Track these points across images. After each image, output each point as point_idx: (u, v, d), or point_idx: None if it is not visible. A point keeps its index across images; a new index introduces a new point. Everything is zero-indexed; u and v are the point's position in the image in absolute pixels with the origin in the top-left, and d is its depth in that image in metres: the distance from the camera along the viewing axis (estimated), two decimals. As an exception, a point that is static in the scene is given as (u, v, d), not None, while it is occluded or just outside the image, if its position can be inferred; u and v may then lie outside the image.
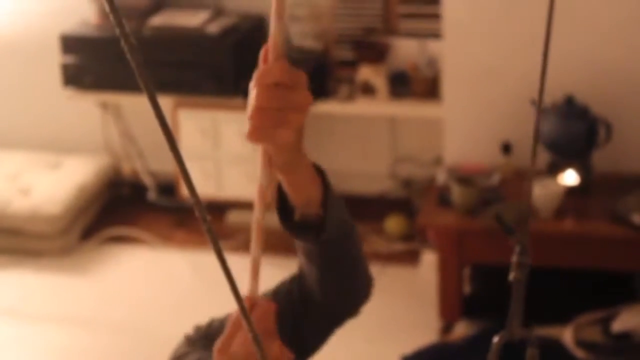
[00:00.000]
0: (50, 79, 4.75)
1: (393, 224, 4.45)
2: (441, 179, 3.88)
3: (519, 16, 3.79)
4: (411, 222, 4.37)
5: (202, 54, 4.40)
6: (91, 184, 4.74)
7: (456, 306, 3.73)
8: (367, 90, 4.34)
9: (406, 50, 4.41)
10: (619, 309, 3.61)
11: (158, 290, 4.26)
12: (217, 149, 4.50)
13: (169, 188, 4.76)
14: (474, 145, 3.97)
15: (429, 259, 4.16)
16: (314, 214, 1.32)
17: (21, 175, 4.74)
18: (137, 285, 4.31)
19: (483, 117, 3.95)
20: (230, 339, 1.21)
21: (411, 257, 4.34)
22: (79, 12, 4.69)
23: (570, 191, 3.66)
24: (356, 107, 4.38)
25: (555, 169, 3.72)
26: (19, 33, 4.90)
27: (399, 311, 3.97)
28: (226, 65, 4.37)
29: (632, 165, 3.86)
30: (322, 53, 4.47)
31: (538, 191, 3.56)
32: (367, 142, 4.72)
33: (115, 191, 4.96)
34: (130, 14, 4.48)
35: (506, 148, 3.85)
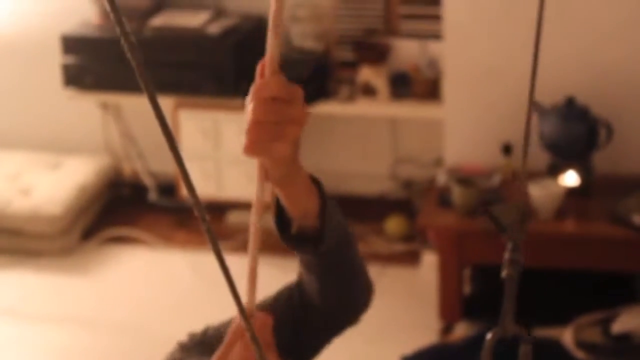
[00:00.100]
0: (51, 79, 4.75)
1: (393, 225, 4.45)
2: (441, 179, 3.88)
3: (519, 17, 3.79)
4: (411, 222, 4.37)
5: (203, 54, 4.40)
6: (91, 184, 4.73)
7: (456, 307, 3.73)
8: (368, 91, 4.34)
9: (407, 51, 4.41)
10: (619, 310, 3.60)
11: (158, 291, 4.26)
12: (217, 149, 4.50)
13: (169, 188, 4.76)
14: (474, 146, 3.97)
15: (429, 260, 4.15)
16: (311, 226, 1.32)
17: (21, 176, 4.74)
18: (138, 285, 4.31)
19: (484, 118, 3.94)
20: (229, 347, 1.21)
21: (411, 257, 4.34)
22: (80, 13, 4.69)
23: (571, 192, 3.66)
24: (357, 108, 4.38)
25: (555, 170, 3.72)
26: (19, 33, 4.90)
27: (399, 312, 3.97)
28: (227, 66, 4.37)
29: (632, 166, 3.86)
30: (322, 54, 4.47)
31: (538, 192, 3.56)
32: (367, 143, 4.72)
33: (115, 191, 4.96)
34: (130, 14, 4.48)
35: (507, 149, 3.84)
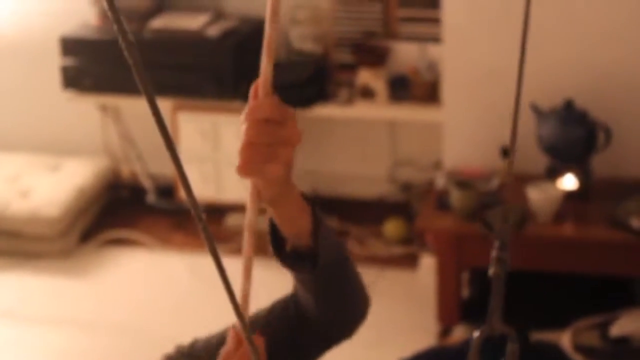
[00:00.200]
0: (50, 81, 4.75)
1: (392, 228, 4.45)
2: (440, 183, 3.88)
3: (518, 21, 3.78)
4: (410, 225, 4.37)
5: (202, 56, 4.40)
6: (90, 186, 4.74)
7: (454, 310, 3.73)
8: (367, 93, 4.34)
9: (406, 54, 4.41)
10: (617, 314, 3.61)
11: (157, 293, 4.26)
12: (216, 151, 4.50)
13: (168, 190, 4.76)
14: (473, 150, 3.97)
15: (427, 263, 4.15)
16: (305, 245, 1.32)
17: (21, 178, 4.74)
18: (136, 287, 4.31)
19: (482, 121, 3.94)
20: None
21: (410, 260, 4.34)
22: (79, 14, 4.69)
23: (569, 196, 3.66)
24: (356, 111, 4.38)
25: (554, 173, 3.72)
26: (19, 35, 4.90)
27: (397, 315, 3.97)
28: (226, 68, 4.37)
29: (631, 170, 3.86)
30: (321, 56, 4.48)
31: (537, 195, 3.56)
32: (366, 146, 4.72)
33: (114, 193, 4.96)
34: (130, 16, 4.48)
35: (505, 152, 3.84)
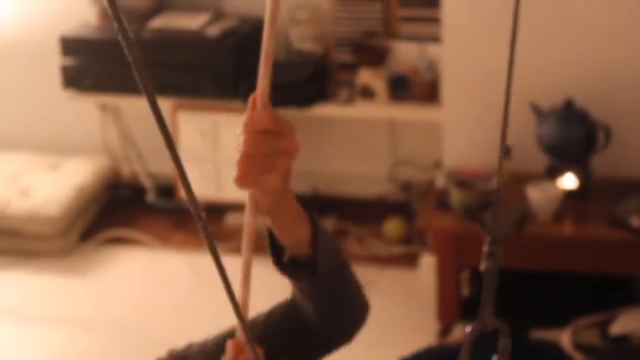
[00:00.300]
0: (50, 80, 4.75)
1: (392, 227, 4.45)
2: (440, 182, 3.88)
3: (519, 21, 3.78)
4: (410, 225, 4.37)
5: (202, 56, 4.40)
6: (90, 185, 4.74)
7: (454, 309, 3.73)
8: (367, 93, 4.34)
9: (406, 53, 4.41)
10: (617, 313, 3.61)
11: (157, 292, 4.26)
12: (216, 151, 4.50)
13: (168, 190, 4.76)
14: (473, 149, 3.97)
15: (427, 262, 4.16)
16: (304, 254, 1.33)
17: (21, 177, 4.74)
18: (136, 286, 4.32)
19: (482, 121, 3.94)
20: None
21: (410, 260, 4.34)
22: (79, 14, 4.69)
23: (569, 195, 3.66)
24: (356, 111, 4.38)
25: (554, 172, 3.72)
26: (19, 34, 4.90)
27: (397, 314, 3.98)
28: (226, 68, 4.37)
29: (631, 169, 3.86)
30: (321, 56, 4.48)
31: (537, 195, 3.56)
32: (366, 145, 4.72)
33: (114, 193, 4.96)
34: (130, 16, 4.48)
35: (506, 152, 3.84)
